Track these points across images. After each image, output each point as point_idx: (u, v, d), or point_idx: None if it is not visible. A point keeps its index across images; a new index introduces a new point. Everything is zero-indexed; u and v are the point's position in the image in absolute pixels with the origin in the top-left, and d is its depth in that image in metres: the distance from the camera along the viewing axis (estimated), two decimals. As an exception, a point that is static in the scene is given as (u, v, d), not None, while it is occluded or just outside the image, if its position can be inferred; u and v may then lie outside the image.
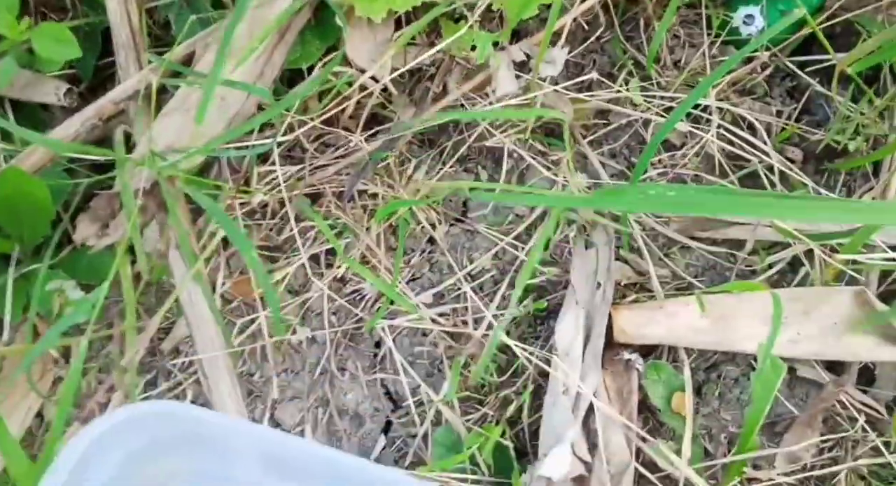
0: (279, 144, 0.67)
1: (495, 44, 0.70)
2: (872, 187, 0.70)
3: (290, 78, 0.70)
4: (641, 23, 0.77)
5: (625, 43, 0.76)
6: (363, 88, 0.67)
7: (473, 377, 0.58)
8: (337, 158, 0.70)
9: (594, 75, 0.73)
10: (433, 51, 0.68)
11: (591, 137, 0.74)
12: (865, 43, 0.68)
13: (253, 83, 0.63)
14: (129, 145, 0.64)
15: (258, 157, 0.68)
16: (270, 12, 0.62)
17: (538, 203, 0.66)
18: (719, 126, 0.70)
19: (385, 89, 0.69)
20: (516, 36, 0.74)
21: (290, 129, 0.67)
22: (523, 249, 0.68)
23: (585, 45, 0.76)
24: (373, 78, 0.66)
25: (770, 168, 0.69)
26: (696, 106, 0.72)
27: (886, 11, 0.73)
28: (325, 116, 0.67)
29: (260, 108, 0.65)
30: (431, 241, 0.69)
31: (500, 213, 0.70)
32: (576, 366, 0.61)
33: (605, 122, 0.74)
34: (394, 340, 0.63)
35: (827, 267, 0.63)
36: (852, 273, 0.62)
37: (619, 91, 0.71)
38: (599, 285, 0.65)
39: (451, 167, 0.72)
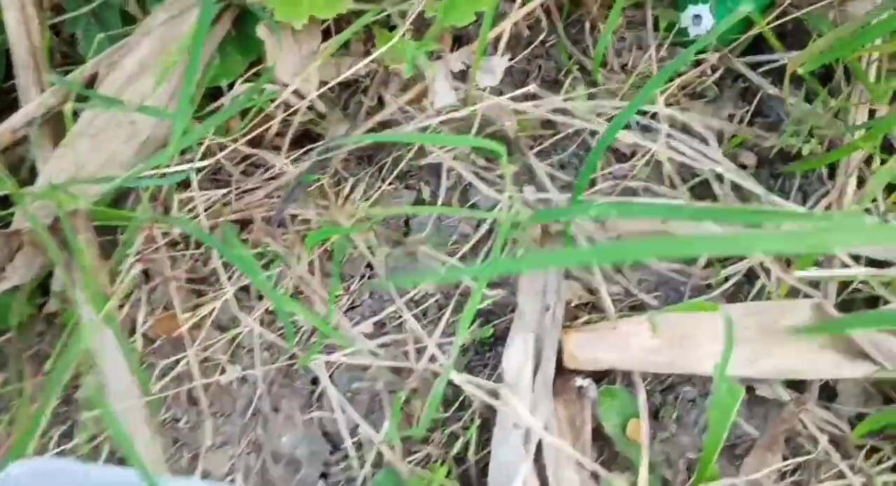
0: (200, 169, 0.62)
1: (431, 53, 0.66)
2: (828, 191, 0.68)
3: (212, 94, 0.65)
4: (587, 26, 0.73)
5: (570, 47, 0.72)
6: (289, 104, 0.62)
7: (422, 423, 0.53)
8: (266, 180, 0.65)
9: (538, 84, 0.69)
10: (365, 61, 0.64)
11: (539, 148, 0.70)
12: (816, 42, 0.65)
13: (165, 106, 0.58)
14: (34, 174, 0.59)
15: (179, 182, 0.63)
16: (181, 28, 0.57)
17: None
18: (668, 135, 0.66)
19: (314, 105, 0.64)
20: (458, 43, 0.70)
21: (211, 152, 0.62)
22: (468, 271, 0.64)
23: (529, 50, 0.72)
24: (296, 93, 0.61)
25: (721, 177, 0.66)
26: (646, 112, 0.69)
27: (838, 8, 0.70)
28: (249, 137, 0.62)
29: (177, 130, 0.60)
30: (371, 265, 0.65)
31: (444, 232, 0.66)
32: (525, 396, 0.57)
33: (552, 131, 0.71)
34: (331, 376, 0.59)
35: (781, 281, 0.60)
36: (807, 290, 0.59)
37: (564, 100, 0.68)
38: (548, 307, 0.61)
39: (390, 184, 0.68)
